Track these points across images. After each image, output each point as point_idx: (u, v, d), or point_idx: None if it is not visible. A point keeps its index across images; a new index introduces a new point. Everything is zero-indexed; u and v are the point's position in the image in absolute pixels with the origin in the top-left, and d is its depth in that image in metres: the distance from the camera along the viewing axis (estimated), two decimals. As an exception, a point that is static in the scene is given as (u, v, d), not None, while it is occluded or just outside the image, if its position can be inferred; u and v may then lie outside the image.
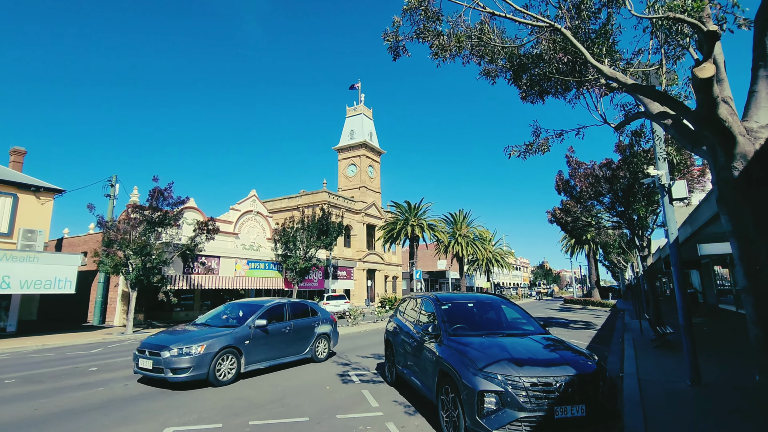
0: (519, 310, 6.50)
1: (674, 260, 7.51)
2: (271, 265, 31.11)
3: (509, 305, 6.57)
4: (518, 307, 6.55)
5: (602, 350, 12.34)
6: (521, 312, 6.44)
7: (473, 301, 6.51)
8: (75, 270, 19.86)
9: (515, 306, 6.57)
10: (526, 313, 6.40)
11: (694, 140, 3.47)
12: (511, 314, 6.48)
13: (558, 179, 16.59)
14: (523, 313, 6.42)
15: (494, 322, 6.21)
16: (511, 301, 6.68)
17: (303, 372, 9.09)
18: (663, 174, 7.70)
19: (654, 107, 4.01)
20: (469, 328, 5.86)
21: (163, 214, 21.40)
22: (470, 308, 6.38)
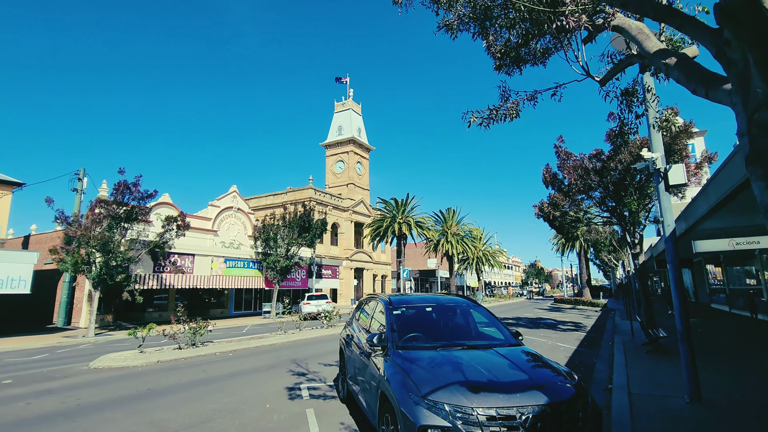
0: (487, 314, 5.43)
1: (671, 256, 6.48)
2: (250, 264, 29.87)
3: (477, 309, 5.50)
4: (486, 311, 5.48)
5: (590, 355, 11.34)
6: (490, 317, 5.36)
7: (433, 305, 5.42)
8: (30, 269, 18.50)
9: (483, 310, 5.50)
10: (494, 319, 5.33)
11: (709, 80, 2.43)
12: (477, 320, 5.40)
13: (545, 172, 15.57)
14: (491, 318, 5.35)
15: (456, 330, 5.13)
16: (478, 303, 5.61)
17: (250, 383, 7.95)
18: (658, 157, 6.67)
19: (651, 44, 2.98)
20: (425, 339, 4.77)
21: (130, 209, 20.12)
22: (428, 313, 5.29)
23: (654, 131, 6.77)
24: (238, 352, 11.74)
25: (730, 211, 10.46)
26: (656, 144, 6.78)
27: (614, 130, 13.36)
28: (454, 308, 5.43)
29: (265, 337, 14.98)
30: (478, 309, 5.50)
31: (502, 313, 28.26)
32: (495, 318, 5.34)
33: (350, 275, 46.56)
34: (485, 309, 5.52)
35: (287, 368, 9.32)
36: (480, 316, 5.44)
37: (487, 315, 5.41)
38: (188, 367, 9.61)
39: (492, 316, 5.37)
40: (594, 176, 14.03)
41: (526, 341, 13.98)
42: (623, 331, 16.24)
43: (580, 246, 44.58)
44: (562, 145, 15.15)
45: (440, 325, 5.19)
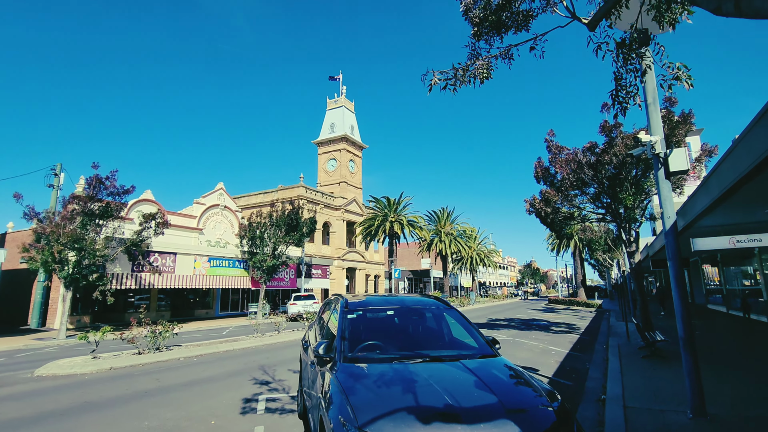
0: (461, 318, 4.64)
1: (672, 252, 5.73)
2: (236, 263, 28.98)
3: (449, 312, 4.72)
4: (460, 315, 4.69)
5: (583, 360, 10.60)
6: (463, 322, 4.58)
7: (396, 308, 4.63)
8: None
9: (456, 313, 4.71)
10: (468, 324, 4.55)
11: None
12: (447, 325, 4.62)
13: (537, 166, 14.83)
14: (465, 323, 4.57)
15: (421, 337, 4.35)
16: (451, 306, 4.82)
17: (204, 394, 7.14)
18: (657, 140, 5.92)
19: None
20: (383, 348, 3.99)
21: (105, 205, 19.21)
22: (389, 318, 4.50)
23: (653, 109, 6.03)
24: (204, 357, 10.91)
25: (733, 206, 9.75)
26: (655, 125, 6.04)
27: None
28: (422, 312, 4.64)
29: (240, 340, 14.13)
30: (451, 312, 4.71)
31: (495, 314, 27.54)
32: (469, 323, 4.56)
33: (342, 275, 45.73)
34: (459, 312, 4.74)
35: (251, 376, 8.50)
36: (452, 321, 4.66)
37: (461, 319, 4.62)
38: (142, 374, 8.77)
39: (466, 320, 4.59)
40: (588, 170, 13.29)
41: (516, 344, 13.29)
42: (618, 333, 15.53)
43: (575, 245, 43.99)
44: (553, 138, 14.41)
45: (403, 332, 4.40)
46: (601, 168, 13.10)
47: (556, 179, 14.56)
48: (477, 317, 24.96)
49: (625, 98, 3.57)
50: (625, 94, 3.57)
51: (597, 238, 27.88)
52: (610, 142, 12.62)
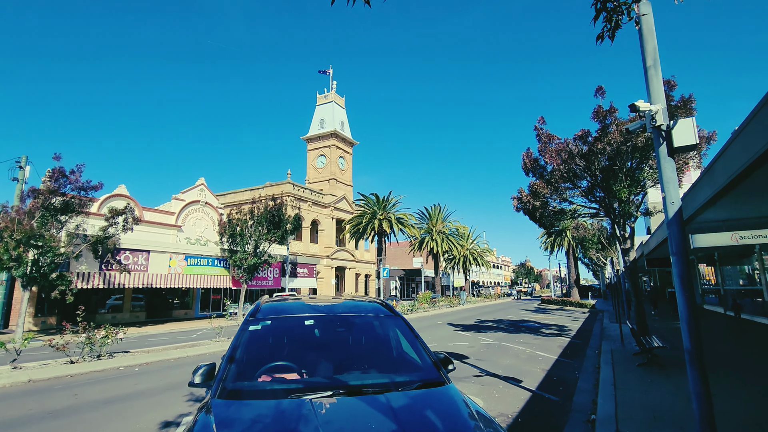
0: (405, 329, 3.55)
1: (676, 245, 4.68)
2: (215, 261, 27.76)
3: (393, 322, 3.62)
4: (406, 325, 3.59)
5: (572, 368, 9.56)
6: (408, 334, 3.49)
7: (320, 316, 3.52)
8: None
9: (401, 322, 3.61)
10: (415, 337, 3.45)
11: None
12: (387, 339, 3.53)
13: (525, 157, 13.78)
14: (410, 335, 3.47)
15: (345, 356, 3.25)
16: (397, 313, 3.72)
17: (122, 414, 6.01)
18: (659, 110, 4.86)
19: None
20: (287, 372, 2.89)
21: (68, 200, 17.98)
22: (307, 330, 3.40)
23: (653, 73, 4.97)
24: (150, 365, 9.76)
25: (740, 197, 8.74)
26: (656, 92, 4.97)
27: (604, 115, 11.63)
28: (354, 322, 3.54)
29: (199, 346, 12.96)
30: (395, 322, 3.61)
31: (484, 315, 26.54)
32: (415, 335, 3.47)
33: (331, 274, 44.60)
34: (405, 322, 3.63)
35: (191, 390, 7.38)
36: (396, 333, 3.57)
37: (406, 330, 3.53)
38: (64, 388, 7.61)
39: (412, 333, 3.49)
40: (579, 161, 12.27)
41: (501, 349, 12.23)
42: (612, 336, 14.55)
43: (568, 244, 43.14)
44: (543, 127, 13.37)
45: (323, 349, 3.30)
46: (594, 158, 12.08)
47: (545, 171, 13.53)
48: (465, 318, 23.94)
49: (616, 9, 2.49)
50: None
51: (590, 236, 26.96)
52: (603, 129, 11.60)
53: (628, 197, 11.92)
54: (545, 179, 13.33)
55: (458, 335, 15.71)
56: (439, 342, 13.78)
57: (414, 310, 27.72)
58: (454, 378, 8.33)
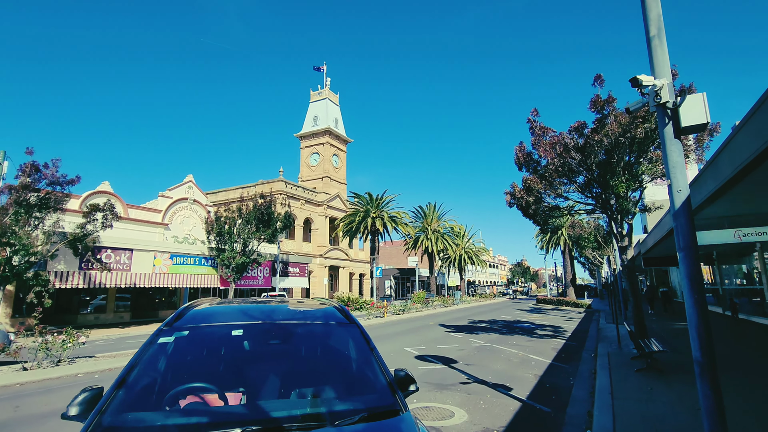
0: (359, 338, 2.89)
1: (684, 238, 4.06)
2: (203, 260, 27.01)
3: (345, 330, 2.96)
4: (361, 334, 2.93)
5: (567, 374, 8.96)
6: (362, 345, 2.84)
7: (254, 324, 2.85)
8: None
9: (356, 331, 2.96)
10: (370, 350, 2.79)
11: None
12: (336, 353, 2.88)
13: (518, 151, 13.16)
14: (364, 346, 2.82)
15: (277, 377, 2.59)
16: (352, 319, 3.06)
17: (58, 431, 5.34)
18: (663, 85, 4.24)
19: None
20: (201, 395, 2.25)
21: (43, 196, 17.25)
22: (234, 342, 2.74)
23: (657, 44, 4.35)
24: (113, 371, 9.07)
25: (745, 191, 8.15)
26: (660, 65, 4.36)
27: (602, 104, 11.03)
28: (294, 331, 2.87)
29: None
30: (348, 331, 2.95)
31: (478, 315, 25.96)
32: (371, 349, 2.81)
33: (324, 273, 43.90)
34: (360, 331, 2.97)
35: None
36: (348, 345, 2.91)
37: (360, 342, 2.87)
38: (7, 399, 6.91)
39: (367, 345, 2.83)
40: (575, 154, 11.67)
41: (492, 352, 11.61)
42: (608, 337, 13.98)
43: (564, 243, 42.67)
44: (537, 119, 12.77)
45: (252, 366, 2.66)
46: (591, 151, 11.48)
47: (539, 166, 12.92)
48: (458, 318, 23.36)
49: None
50: None
51: (586, 234, 26.43)
52: (601, 120, 11.00)
53: (626, 192, 11.34)
54: (539, 174, 12.73)
55: (449, 337, 15.10)
56: (429, 344, 13.16)
57: (406, 310, 27.10)
58: (440, 385, 7.70)
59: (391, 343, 13.44)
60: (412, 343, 13.54)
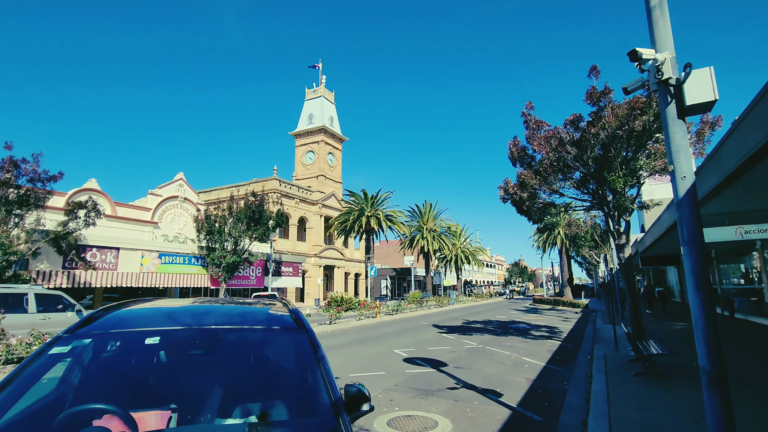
0: (305, 347, 2.38)
1: (689, 231, 3.61)
2: (192, 260, 26.49)
3: (288, 337, 2.47)
4: (306, 341, 2.41)
5: (561, 378, 8.50)
6: (308, 356, 2.34)
7: (177, 329, 2.36)
8: None
9: (303, 338, 2.46)
10: (315, 359, 2.31)
11: None
12: (278, 365, 2.40)
13: (512, 146, 12.71)
14: (310, 357, 2.33)
15: (200, 392, 2.11)
16: (302, 324, 2.57)
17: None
18: (666, 59, 3.78)
19: None
20: (101, 419, 1.77)
21: (23, 193, 16.69)
22: (148, 352, 2.25)
23: (659, 15, 3.90)
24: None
25: (750, 184, 7.72)
26: (662, 38, 3.90)
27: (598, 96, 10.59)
28: (224, 339, 2.38)
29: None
30: (293, 338, 2.46)
31: (473, 315, 25.52)
32: (318, 359, 2.32)
33: (318, 273, 43.42)
34: (309, 338, 2.46)
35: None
36: (293, 355, 2.43)
37: (306, 352, 2.38)
38: None
39: (315, 355, 2.34)
40: (571, 148, 11.22)
41: (485, 355, 11.12)
42: (605, 338, 13.55)
43: (561, 242, 42.29)
44: (531, 112, 12.31)
45: (166, 383, 2.18)
46: (587, 145, 11.03)
47: (534, 161, 12.48)
48: (452, 319, 22.91)
49: None
50: None
51: (583, 233, 26.02)
52: (597, 112, 10.55)
53: (623, 188, 10.89)
54: (534, 169, 12.27)
55: (442, 338, 14.64)
56: (419, 346, 12.70)
57: (399, 310, 26.63)
58: (426, 391, 7.23)
59: (380, 345, 12.97)
60: (402, 344, 13.07)
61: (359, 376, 8.58)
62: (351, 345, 13.10)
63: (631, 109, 9.98)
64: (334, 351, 11.92)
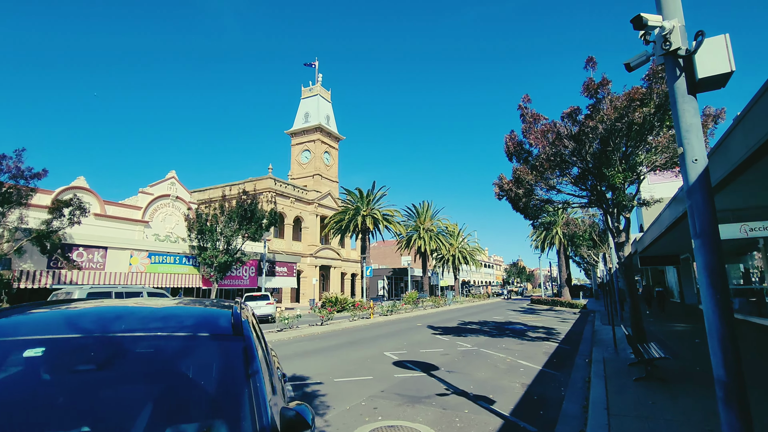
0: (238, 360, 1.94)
1: (701, 222, 3.16)
2: (184, 259, 25.97)
3: (218, 348, 2.01)
4: (241, 352, 1.97)
5: (558, 383, 8.05)
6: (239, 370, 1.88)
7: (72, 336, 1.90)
8: None
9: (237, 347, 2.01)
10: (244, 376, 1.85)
11: None
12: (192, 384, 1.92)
13: (508, 140, 12.26)
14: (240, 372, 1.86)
15: (84, 419, 1.63)
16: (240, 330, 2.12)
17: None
18: (675, 27, 3.33)
19: None
20: None
21: (5, 190, 16.19)
22: (28, 369, 1.78)
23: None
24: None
25: (759, 177, 7.27)
26: (670, 4, 3.44)
27: (596, 88, 10.15)
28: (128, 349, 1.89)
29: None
30: (225, 348, 2.00)
31: (469, 316, 25.07)
32: (248, 375, 1.86)
33: (314, 273, 42.90)
34: (245, 347, 2.00)
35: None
36: (219, 368, 1.95)
37: (237, 364, 1.91)
38: None
39: (246, 368, 1.88)
40: (569, 142, 10.78)
41: (479, 358, 10.61)
42: (604, 340, 13.11)
43: (559, 242, 41.90)
44: (528, 105, 11.87)
45: (46, 406, 1.69)
46: (585, 139, 10.59)
47: (531, 156, 12.03)
48: (448, 320, 22.46)
49: None
50: None
51: (581, 232, 25.61)
52: (595, 105, 10.11)
53: (622, 183, 10.46)
54: (530, 164, 11.83)
55: (435, 340, 14.18)
56: (411, 348, 12.23)
57: (394, 311, 26.16)
58: (414, 398, 6.76)
59: (371, 347, 12.51)
60: (394, 346, 12.61)
61: (344, 381, 8.11)
62: (340, 347, 12.63)
63: (631, 100, 9.55)
64: (323, 354, 11.45)
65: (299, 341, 14.30)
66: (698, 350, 10.91)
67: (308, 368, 9.37)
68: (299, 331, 17.02)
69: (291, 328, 17.82)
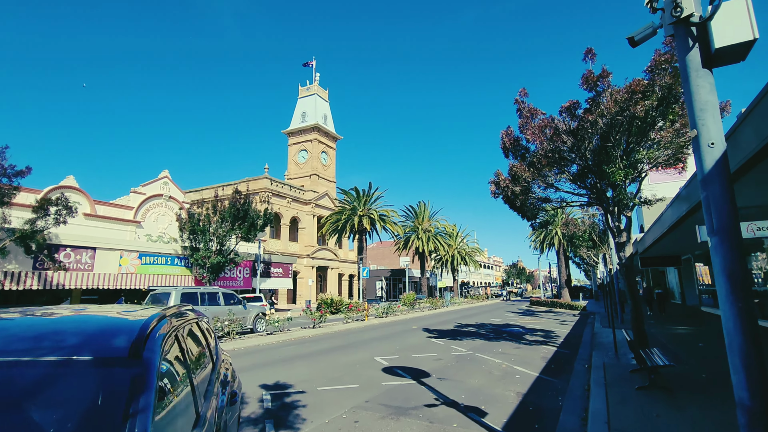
0: (122, 390, 1.46)
1: (719, 217, 2.69)
2: (176, 260, 25.49)
3: (103, 372, 1.54)
4: (137, 375, 1.49)
5: (555, 391, 7.57)
6: (116, 407, 1.39)
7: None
8: None
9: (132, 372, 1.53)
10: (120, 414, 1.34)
11: None
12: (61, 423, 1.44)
13: (504, 136, 11.80)
14: (115, 410, 1.37)
15: None
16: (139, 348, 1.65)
17: None
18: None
19: None
20: None
21: (-14, 188, 15.73)
22: None
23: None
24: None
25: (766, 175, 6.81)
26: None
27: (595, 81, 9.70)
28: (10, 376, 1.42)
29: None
30: (112, 376, 1.53)
31: (467, 318, 24.58)
32: (126, 418, 1.37)
33: (311, 274, 42.40)
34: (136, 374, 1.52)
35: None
36: (93, 406, 1.47)
37: (118, 401, 1.44)
38: None
39: (127, 408, 1.40)
40: (567, 137, 10.31)
41: (473, 363, 10.04)
42: (604, 344, 12.63)
43: (559, 243, 41.43)
44: (525, 100, 11.40)
45: None
46: (584, 135, 10.13)
47: (528, 152, 11.56)
48: (445, 322, 21.97)
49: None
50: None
51: (581, 232, 25.14)
52: (595, 98, 9.65)
53: (623, 181, 9.99)
54: (527, 161, 11.36)
55: (430, 344, 13.70)
56: (404, 353, 11.76)
57: (390, 313, 25.66)
58: (400, 409, 6.28)
59: (362, 352, 12.03)
60: (386, 351, 12.13)
61: (328, 389, 7.63)
62: (330, 352, 12.15)
63: (632, 92, 9.09)
64: (310, 359, 10.97)
65: (288, 345, 13.81)
66: (703, 355, 10.43)
67: (292, 375, 8.89)
68: (289, 334, 16.53)
69: (281, 332, 17.32)
